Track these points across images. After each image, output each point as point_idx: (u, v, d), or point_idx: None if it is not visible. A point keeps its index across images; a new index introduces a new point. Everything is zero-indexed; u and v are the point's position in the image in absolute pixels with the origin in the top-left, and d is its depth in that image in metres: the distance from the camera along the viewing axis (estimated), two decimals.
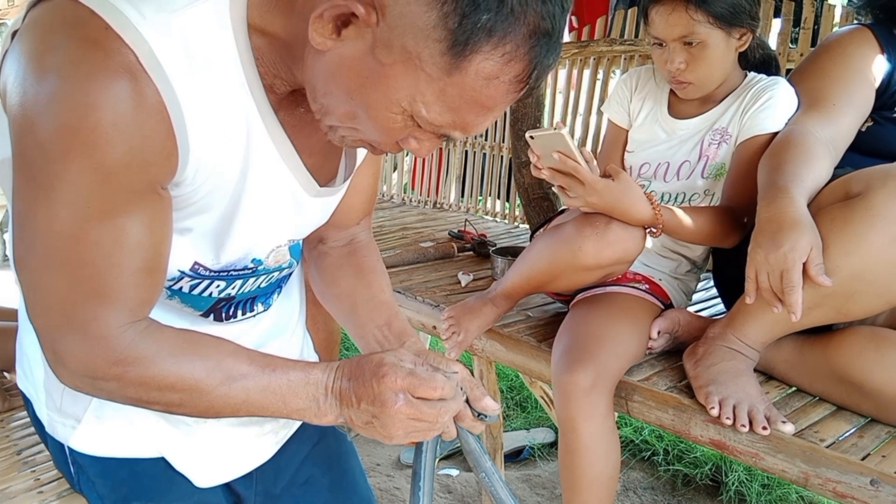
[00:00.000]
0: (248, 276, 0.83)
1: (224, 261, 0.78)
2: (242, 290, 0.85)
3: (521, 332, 1.60)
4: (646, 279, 1.49)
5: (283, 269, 0.88)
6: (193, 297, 0.82)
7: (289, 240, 0.85)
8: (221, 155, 0.70)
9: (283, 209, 0.79)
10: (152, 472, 0.88)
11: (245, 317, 0.90)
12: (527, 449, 2.65)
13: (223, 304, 0.85)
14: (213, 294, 0.82)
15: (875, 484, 1.01)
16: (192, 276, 0.78)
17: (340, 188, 0.87)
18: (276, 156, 0.74)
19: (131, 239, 0.65)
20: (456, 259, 2.29)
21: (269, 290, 0.91)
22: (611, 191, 1.25)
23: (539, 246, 1.41)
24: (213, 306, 0.84)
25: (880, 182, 1.08)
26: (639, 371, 1.37)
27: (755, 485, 2.26)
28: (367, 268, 0.99)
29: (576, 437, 1.27)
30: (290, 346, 1.03)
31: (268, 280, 0.87)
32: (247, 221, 0.76)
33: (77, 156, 0.60)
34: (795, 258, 1.03)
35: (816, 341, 1.23)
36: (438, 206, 3.27)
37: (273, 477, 1.01)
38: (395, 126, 0.66)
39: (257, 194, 0.75)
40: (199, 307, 0.83)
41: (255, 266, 0.82)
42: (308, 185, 0.80)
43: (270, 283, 0.89)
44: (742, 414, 1.14)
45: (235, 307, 0.87)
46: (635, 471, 2.49)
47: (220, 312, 0.86)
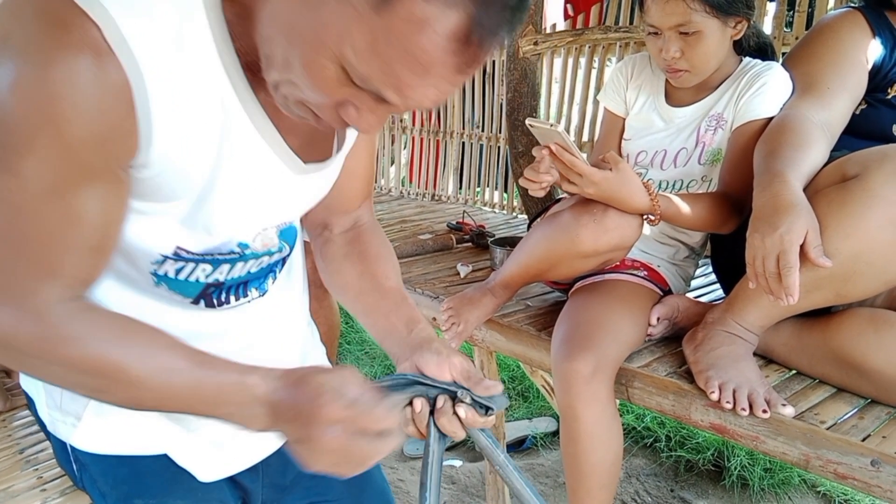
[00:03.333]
0: (236, 261, 0.82)
1: (206, 244, 0.77)
2: (231, 274, 0.83)
3: (521, 322, 1.61)
4: (644, 266, 1.49)
5: (273, 254, 0.87)
6: (180, 283, 0.80)
7: (278, 223, 0.83)
8: (194, 137, 0.68)
9: (266, 190, 0.78)
10: (154, 468, 0.88)
11: (239, 303, 0.88)
12: (529, 438, 2.66)
13: (213, 289, 0.83)
14: (201, 279, 0.81)
15: (876, 464, 1.01)
16: (175, 260, 0.77)
17: (328, 164, 0.84)
18: (255, 136, 0.73)
19: (82, 216, 0.64)
20: (455, 251, 2.29)
21: (261, 274, 0.89)
22: (608, 182, 1.25)
23: (537, 235, 1.42)
24: (203, 292, 0.83)
25: (877, 164, 1.08)
26: (638, 357, 1.38)
27: (757, 469, 2.27)
28: (372, 254, 0.97)
29: (577, 424, 1.27)
30: (293, 336, 1.02)
31: (258, 265, 0.86)
32: (226, 204, 0.74)
33: (34, 130, 0.59)
34: (792, 240, 1.03)
35: (815, 324, 1.24)
36: (436, 199, 3.27)
37: (281, 469, 1.00)
38: (328, 77, 0.61)
39: (236, 176, 0.73)
40: (187, 293, 0.82)
41: (241, 250, 0.81)
42: (292, 164, 0.78)
43: (262, 268, 0.87)
44: (742, 398, 1.14)
45: (227, 292, 0.86)
46: (638, 457, 2.50)
47: (211, 298, 0.84)
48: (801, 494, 2.27)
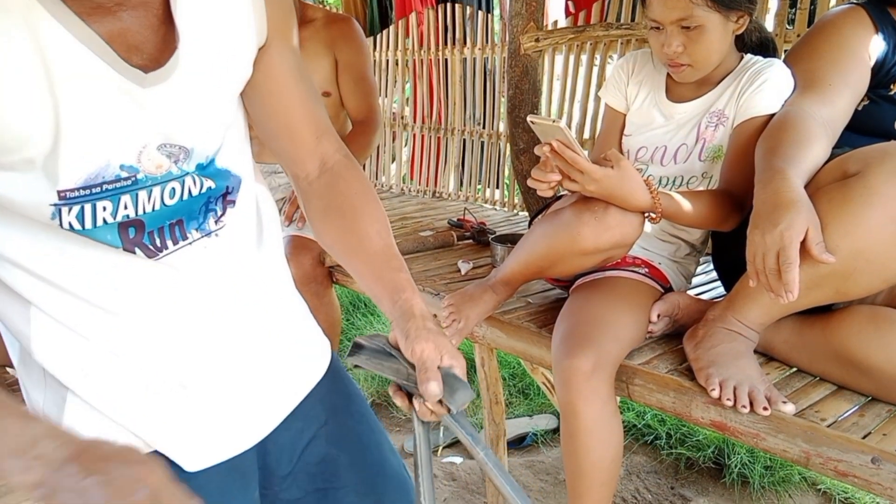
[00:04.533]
0: (135, 189, 0.77)
1: (79, 173, 0.72)
2: (141, 209, 0.78)
3: (522, 319, 1.61)
4: (645, 263, 1.49)
5: (181, 180, 0.81)
6: (93, 232, 0.76)
7: (154, 143, 0.77)
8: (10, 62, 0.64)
9: (115, 106, 0.73)
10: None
11: (178, 246, 0.83)
12: (530, 436, 2.66)
13: (134, 231, 0.79)
14: (108, 220, 0.76)
15: (876, 462, 1.01)
16: (67, 204, 0.73)
17: (171, 69, 0.77)
18: (77, 48, 0.69)
19: None
20: (455, 248, 2.30)
21: (194, 212, 0.84)
22: (609, 180, 1.25)
23: (538, 232, 1.41)
24: (125, 235, 0.78)
25: (878, 161, 1.08)
26: (639, 355, 1.37)
27: (758, 467, 2.27)
28: (350, 209, 0.93)
29: (577, 421, 1.27)
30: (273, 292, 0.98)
31: (171, 196, 0.81)
32: (74, 124, 0.70)
33: None
34: (792, 236, 1.03)
35: (816, 321, 1.23)
36: (437, 196, 3.27)
37: (276, 456, 0.99)
38: None
39: (71, 93, 0.69)
40: (107, 239, 0.77)
41: (131, 175, 0.76)
42: (131, 74, 0.73)
43: (183, 202, 0.82)
44: (743, 395, 1.14)
45: (160, 236, 0.81)
46: (638, 455, 2.50)
47: (144, 246, 0.80)
48: (801, 492, 2.27)
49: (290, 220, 2.22)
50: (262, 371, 0.95)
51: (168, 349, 0.86)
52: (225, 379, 0.91)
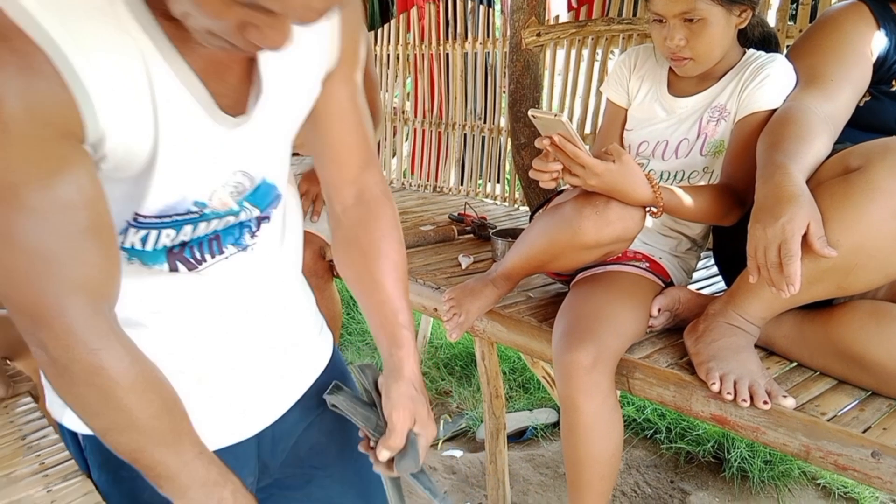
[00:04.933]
0: (197, 221, 0.80)
1: (159, 205, 0.76)
2: (196, 235, 0.82)
3: (522, 313, 1.61)
4: (646, 257, 1.49)
5: (237, 214, 0.85)
6: (149, 255, 0.80)
7: (227, 182, 0.81)
8: (127, 99, 0.67)
9: (205, 148, 0.76)
10: None
11: (215, 260, 0.86)
12: (530, 430, 2.67)
13: (178, 249, 0.82)
14: (166, 244, 0.80)
15: (876, 456, 1.02)
16: (136, 227, 0.77)
17: (256, 112, 0.81)
18: (180, 89, 0.72)
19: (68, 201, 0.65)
20: (456, 242, 2.30)
21: (234, 230, 0.87)
22: (611, 174, 1.25)
23: (539, 226, 1.41)
24: (172, 254, 0.82)
25: (880, 156, 1.08)
26: (640, 349, 1.38)
27: (757, 461, 2.28)
28: (373, 251, 0.97)
29: (578, 415, 1.27)
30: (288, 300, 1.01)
31: (223, 224, 0.84)
32: (169, 160, 0.73)
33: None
34: (794, 229, 1.03)
35: (817, 316, 1.24)
36: (438, 190, 3.27)
37: (273, 444, 1.00)
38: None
39: (172, 132, 0.72)
40: (160, 262, 0.81)
41: (199, 210, 0.79)
42: (222, 120, 0.77)
43: (230, 226, 0.86)
44: (743, 389, 1.14)
45: (199, 250, 0.84)
46: (638, 449, 2.51)
47: (186, 259, 0.83)
48: (800, 487, 2.28)
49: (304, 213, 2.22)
50: (272, 365, 0.98)
51: (189, 348, 0.88)
52: (237, 374, 0.93)
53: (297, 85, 0.86)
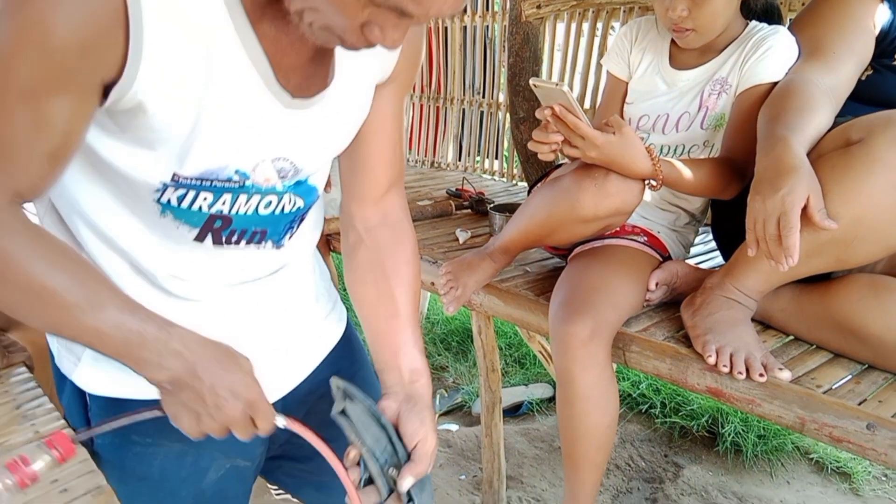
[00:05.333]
0: (237, 191, 0.80)
1: (201, 167, 0.76)
2: (236, 209, 0.82)
3: (520, 287, 1.60)
4: (644, 231, 1.48)
5: (280, 197, 0.85)
6: (184, 212, 0.80)
7: (273, 158, 0.81)
8: (184, 60, 0.68)
9: (256, 119, 0.77)
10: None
11: (249, 247, 0.88)
12: (525, 404, 2.68)
13: (219, 223, 0.83)
14: (203, 208, 0.80)
15: (871, 428, 1.02)
16: (175, 187, 0.77)
17: (317, 100, 0.82)
18: (246, 64, 0.72)
19: (50, 123, 0.65)
20: (454, 217, 2.29)
21: (280, 228, 0.88)
22: (611, 146, 1.24)
23: (537, 199, 1.41)
24: (208, 224, 0.82)
25: (881, 128, 1.07)
26: (636, 322, 1.38)
27: (751, 436, 2.29)
28: (394, 274, 0.96)
29: (574, 387, 1.27)
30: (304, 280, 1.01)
31: (266, 206, 0.84)
32: (214, 126, 0.73)
33: (21, 31, 0.60)
34: (794, 201, 1.03)
35: (814, 290, 1.23)
36: (436, 166, 3.25)
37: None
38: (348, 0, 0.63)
39: (223, 99, 0.72)
40: (192, 223, 0.81)
41: (241, 180, 0.79)
42: (280, 96, 0.77)
43: (274, 216, 0.86)
44: (739, 361, 1.15)
45: (239, 236, 0.85)
46: (633, 423, 2.52)
47: (219, 235, 0.84)
48: (793, 461, 2.30)
49: None
50: (284, 339, 0.99)
51: (199, 316, 0.87)
52: (248, 346, 0.92)
53: (360, 88, 0.86)
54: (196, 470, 0.93)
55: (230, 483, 0.97)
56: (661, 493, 2.19)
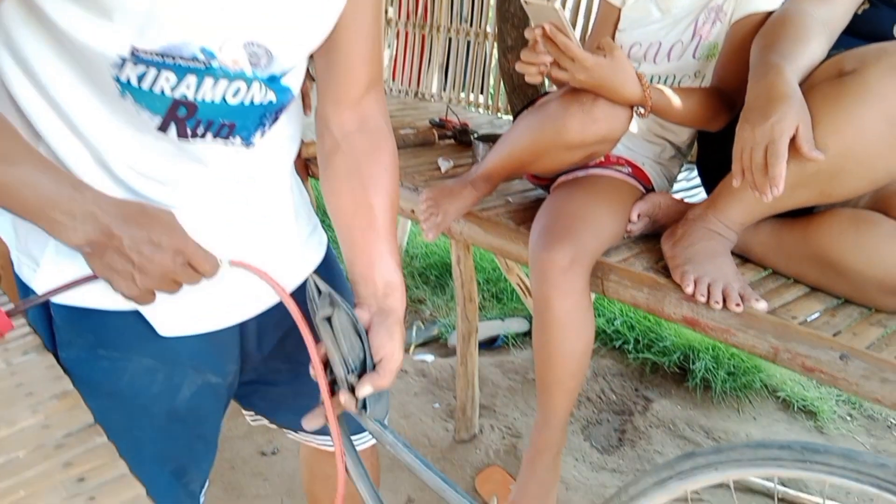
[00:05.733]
0: (202, 73, 0.76)
1: (161, 40, 0.72)
2: (201, 95, 0.78)
3: (501, 216, 1.59)
4: (629, 163, 1.47)
5: (249, 85, 0.81)
6: (146, 95, 0.76)
7: (246, 41, 0.77)
8: None
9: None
10: (119, 323, 0.85)
11: (216, 142, 0.83)
12: (501, 338, 2.71)
13: (183, 111, 0.79)
14: (166, 91, 0.76)
15: (844, 358, 1.03)
16: (134, 62, 0.73)
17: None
18: None
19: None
20: (436, 147, 2.25)
21: (248, 122, 0.84)
22: (600, 68, 1.20)
23: (522, 124, 1.37)
24: (172, 112, 0.78)
25: (875, 59, 1.05)
26: (616, 253, 1.37)
27: (721, 372, 2.34)
28: (373, 183, 0.92)
29: (550, 314, 1.27)
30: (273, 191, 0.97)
31: (234, 95, 0.80)
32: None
33: None
34: (783, 129, 1.01)
35: (795, 224, 1.23)
36: (420, 97, 3.18)
37: (256, 338, 0.99)
38: None
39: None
40: (154, 109, 0.77)
41: (206, 59, 0.75)
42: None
43: (243, 107, 0.82)
44: (716, 291, 1.15)
45: (205, 127, 0.81)
46: (606, 359, 2.56)
47: (184, 125, 0.79)
48: (761, 399, 2.35)
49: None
50: (264, 255, 0.94)
51: None
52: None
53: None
54: (169, 387, 0.90)
55: (203, 401, 0.95)
56: (629, 425, 2.24)
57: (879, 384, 1.01)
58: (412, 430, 2.20)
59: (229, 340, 0.96)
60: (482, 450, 2.12)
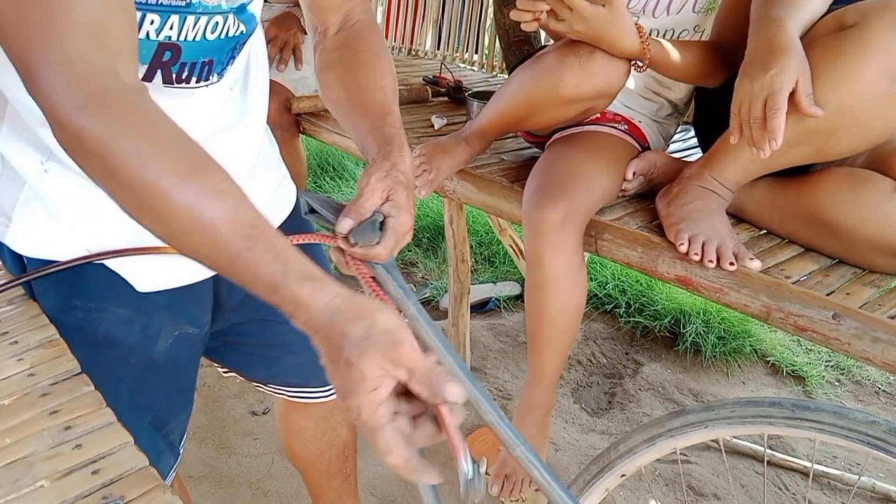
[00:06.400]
0: (184, 12, 0.74)
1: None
2: (184, 35, 0.77)
3: (494, 174, 1.57)
4: (625, 119, 1.44)
5: (226, 17, 0.80)
6: None
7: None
8: None
9: None
10: (94, 274, 0.84)
11: (199, 84, 0.82)
12: (493, 301, 2.70)
13: (169, 55, 0.77)
14: (151, 35, 0.74)
15: (837, 318, 1.02)
16: None
17: None
18: None
19: None
20: (430, 104, 2.22)
21: (222, 56, 0.84)
22: (599, 19, 1.18)
23: (518, 78, 1.35)
24: (157, 58, 0.76)
25: (878, 13, 1.02)
26: (610, 212, 1.35)
27: (711, 337, 2.34)
28: (359, 62, 0.89)
29: (543, 271, 1.26)
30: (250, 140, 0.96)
31: (213, 31, 0.79)
32: None
33: None
34: (783, 81, 0.99)
35: (791, 183, 1.22)
36: (413, 54, 3.14)
37: (227, 288, 0.98)
38: None
39: None
40: (140, 57, 0.74)
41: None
42: None
43: (220, 41, 0.81)
44: (710, 250, 1.14)
45: (189, 71, 0.80)
46: (597, 322, 2.56)
47: (170, 72, 0.78)
48: (750, 363, 2.37)
49: (270, 61, 2.11)
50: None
51: None
52: None
53: None
54: (145, 337, 0.89)
55: (180, 350, 0.94)
56: (619, 388, 2.25)
57: (871, 343, 1.01)
58: None
59: (204, 290, 0.96)
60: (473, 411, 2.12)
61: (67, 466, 0.65)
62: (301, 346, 1.10)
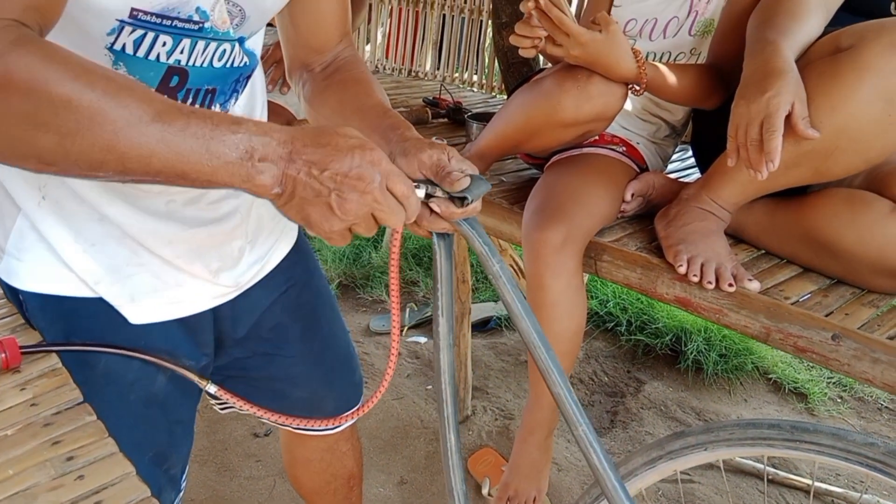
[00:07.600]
0: (196, 37, 0.75)
1: (162, 1, 0.70)
2: (193, 60, 0.77)
3: (494, 196, 1.57)
4: (623, 142, 1.45)
5: (233, 46, 0.80)
6: (140, 63, 0.74)
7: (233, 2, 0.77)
8: None
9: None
10: (89, 311, 0.84)
11: None
12: (493, 319, 2.70)
13: (177, 80, 0.77)
14: (162, 58, 0.75)
15: (836, 339, 1.03)
16: (132, 26, 0.71)
17: None
18: None
19: None
20: (430, 125, 2.23)
21: (227, 88, 0.84)
22: (596, 44, 1.19)
23: (516, 102, 1.36)
24: (164, 82, 0.77)
25: (873, 35, 1.03)
26: (609, 233, 1.36)
27: (713, 354, 2.34)
28: (352, 79, 0.92)
29: (543, 293, 1.26)
30: None
31: (220, 58, 0.80)
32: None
33: None
34: (779, 104, 1.00)
35: (790, 204, 1.23)
36: (413, 75, 3.16)
37: (233, 320, 0.98)
38: None
39: None
40: (148, 79, 0.76)
41: (201, 21, 0.74)
42: None
43: (225, 70, 0.82)
44: (709, 271, 1.14)
45: (193, 98, 0.80)
46: (598, 340, 2.56)
47: (174, 96, 0.78)
48: (752, 380, 2.36)
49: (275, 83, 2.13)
50: (232, 240, 0.94)
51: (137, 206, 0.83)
52: (196, 243, 0.89)
53: None
54: (145, 373, 0.89)
55: (180, 385, 0.93)
56: (621, 407, 2.24)
57: (870, 364, 1.01)
58: (405, 412, 2.20)
59: (203, 324, 0.95)
60: (475, 431, 2.12)
61: (70, 497, 0.65)
62: (305, 380, 1.10)
